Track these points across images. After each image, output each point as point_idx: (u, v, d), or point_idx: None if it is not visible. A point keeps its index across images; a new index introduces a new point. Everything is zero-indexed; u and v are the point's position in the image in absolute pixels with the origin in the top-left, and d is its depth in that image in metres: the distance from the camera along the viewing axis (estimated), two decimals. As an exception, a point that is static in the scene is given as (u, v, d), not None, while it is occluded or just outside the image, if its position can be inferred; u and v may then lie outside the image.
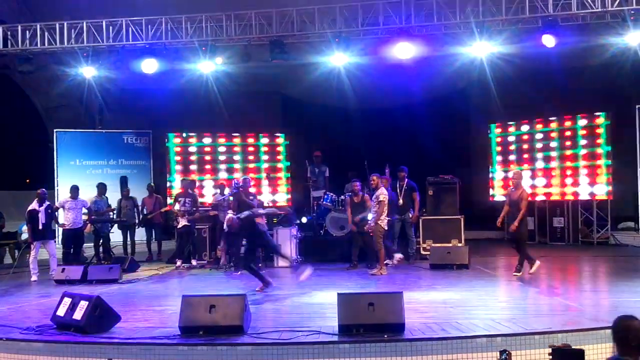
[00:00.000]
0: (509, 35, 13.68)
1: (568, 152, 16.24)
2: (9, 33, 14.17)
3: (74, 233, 13.51)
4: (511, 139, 17.49)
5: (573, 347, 5.47)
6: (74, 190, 13.74)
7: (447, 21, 13.49)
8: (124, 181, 16.74)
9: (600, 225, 16.10)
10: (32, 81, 17.18)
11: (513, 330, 6.83)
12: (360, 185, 12.76)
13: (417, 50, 13.68)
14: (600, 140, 15.64)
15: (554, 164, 16.52)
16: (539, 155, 16.83)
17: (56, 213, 13.58)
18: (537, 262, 11.16)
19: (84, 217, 13.77)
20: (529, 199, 11.63)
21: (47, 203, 12.82)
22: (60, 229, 13.74)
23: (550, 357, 3.29)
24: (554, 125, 16.62)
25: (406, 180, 13.58)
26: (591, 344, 6.47)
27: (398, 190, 13.47)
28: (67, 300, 7.53)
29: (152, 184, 16.37)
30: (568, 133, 16.30)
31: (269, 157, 18.06)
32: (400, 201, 13.44)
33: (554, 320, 7.32)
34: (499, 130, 17.75)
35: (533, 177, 16.90)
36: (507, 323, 7.18)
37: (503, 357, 4.82)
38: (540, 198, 16.76)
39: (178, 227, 14.01)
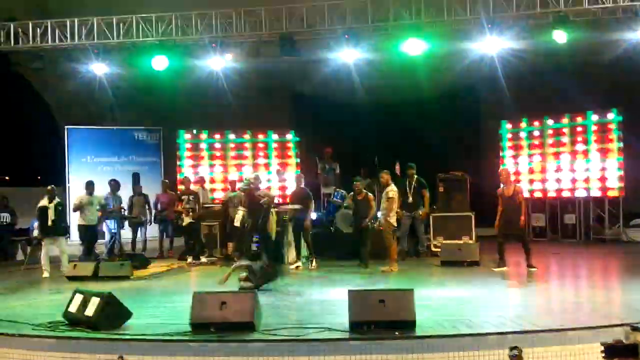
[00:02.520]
0: (520, 30, 13.62)
1: (579, 149, 16.15)
2: (20, 30, 14.24)
3: (89, 229, 13.58)
4: (522, 135, 17.43)
5: (588, 344, 5.39)
6: (90, 185, 13.80)
7: (457, 17, 13.46)
8: (135, 178, 16.78)
9: (612, 222, 16.00)
10: (43, 78, 17.25)
11: (524, 327, 6.80)
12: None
13: (427, 46, 13.64)
14: (611, 137, 15.55)
15: (565, 160, 16.43)
16: (550, 151, 16.75)
17: (77, 211, 13.66)
18: (505, 268, 11.38)
19: (98, 214, 13.81)
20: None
21: (57, 200, 12.86)
22: (75, 225, 13.74)
23: (603, 355, 3.23)
24: (565, 121, 16.53)
25: (415, 177, 13.50)
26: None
27: (408, 187, 13.39)
28: (78, 297, 7.55)
29: (166, 180, 16.34)
30: (579, 129, 16.22)
31: (279, 154, 18.07)
32: (410, 198, 13.36)
33: (566, 317, 7.28)
34: (509, 126, 17.68)
35: (544, 173, 16.83)
36: (519, 320, 7.14)
37: (513, 353, 4.77)
38: (551, 194, 16.69)
39: (183, 224, 14.06)
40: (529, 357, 6.20)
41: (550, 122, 16.84)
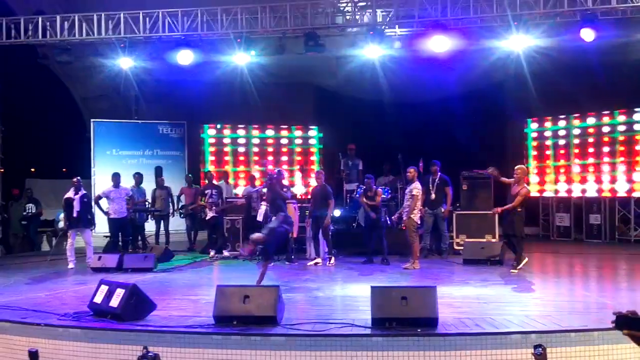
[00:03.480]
0: (547, 28, 13.52)
1: (606, 148, 16.00)
2: (47, 24, 14.39)
3: (119, 222, 13.75)
4: (548, 134, 17.30)
5: (612, 344, 5.37)
6: (116, 177, 13.95)
7: (483, 14, 13.38)
8: (158, 171, 16.91)
9: (638, 222, 15.82)
10: (70, 71, 17.42)
11: (548, 327, 6.77)
12: (372, 182, 12.91)
13: (453, 44, 13.58)
14: (639, 137, 15.38)
15: (591, 159, 16.30)
16: (576, 151, 16.61)
17: (99, 202, 13.82)
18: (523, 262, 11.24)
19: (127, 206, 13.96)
20: (528, 196, 11.42)
21: (83, 192, 13.00)
22: (105, 218, 13.90)
23: (614, 324, 3.17)
24: (591, 120, 16.38)
25: (439, 174, 13.48)
26: (628, 343, 6.36)
27: (431, 185, 13.38)
28: (104, 288, 7.65)
29: (190, 175, 16.45)
30: (606, 129, 16.06)
31: (302, 150, 18.11)
32: (433, 195, 13.34)
33: (590, 318, 7.23)
34: (535, 125, 17.56)
35: (569, 173, 16.70)
36: (542, 320, 7.11)
37: (538, 351, 4.74)
38: (576, 194, 16.55)
39: (207, 218, 14.17)
40: (552, 356, 6.18)
41: (576, 121, 16.70)
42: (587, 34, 12.86)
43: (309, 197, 14.27)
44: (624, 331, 3.28)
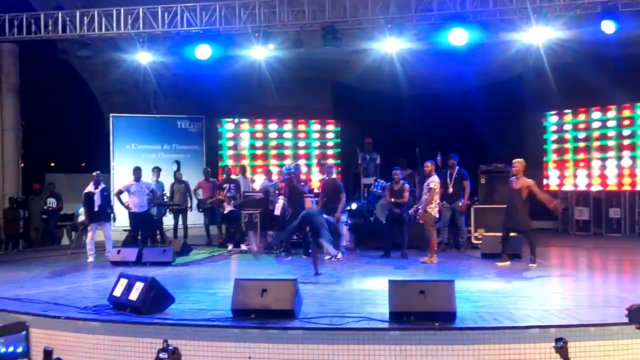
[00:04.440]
0: (567, 21, 13.39)
1: (626, 142, 15.85)
2: (67, 19, 14.49)
3: (140, 216, 13.83)
4: (567, 127, 17.17)
5: (632, 339, 5.33)
6: (137, 171, 14.03)
7: (502, 6, 13.28)
8: (176, 165, 16.98)
9: (658, 216, 15.69)
10: (89, 66, 17.57)
11: (567, 321, 6.74)
12: (400, 174, 12.78)
13: (472, 37, 13.50)
14: (660, 129, 15.24)
15: (611, 153, 16.15)
16: (596, 144, 16.46)
17: (120, 196, 13.90)
18: (508, 262, 11.19)
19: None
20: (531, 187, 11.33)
21: (103, 186, 13.09)
22: (127, 212, 14.00)
23: (628, 318, 3.14)
24: (612, 113, 16.24)
25: (457, 168, 13.40)
26: (648, 337, 6.34)
27: (448, 178, 13.30)
28: (123, 281, 7.72)
29: (208, 168, 16.49)
30: (627, 122, 15.92)
31: (319, 144, 18.13)
32: (450, 189, 13.24)
33: (609, 312, 7.17)
34: (554, 118, 17.43)
35: (588, 166, 16.57)
36: (561, 314, 7.08)
37: (559, 344, 4.71)
38: (596, 188, 16.41)
39: (224, 212, 14.23)
40: (571, 350, 6.14)
41: (596, 114, 16.55)
42: (608, 26, 12.71)
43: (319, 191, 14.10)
44: (636, 325, 3.26)
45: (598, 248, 13.76)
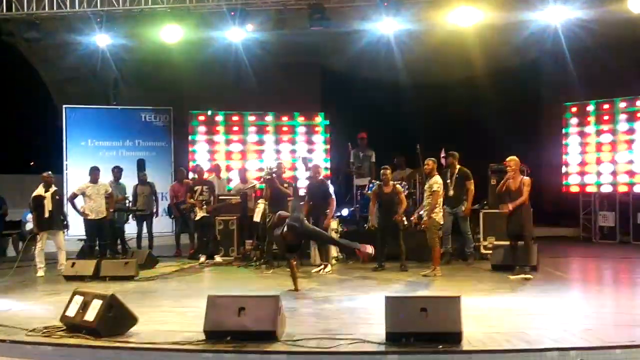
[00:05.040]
0: (589, -2, 13.48)
1: (657, 136, 15.99)
2: (13, -5, 14.43)
3: (97, 224, 13.72)
4: (589, 119, 17.24)
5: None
6: (95, 172, 13.95)
7: (516, -18, 13.36)
8: (140, 164, 16.90)
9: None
10: (39, 51, 17.46)
11: (590, 343, 6.77)
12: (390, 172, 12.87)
13: (480, 16, 13.55)
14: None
15: (639, 148, 16.24)
16: (622, 138, 16.56)
17: (74, 201, 13.83)
18: (523, 275, 11.19)
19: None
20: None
21: (55, 188, 13.02)
22: (82, 219, 13.92)
23: None
24: (639, 103, 16.37)
25: (458, 166, 13.36)
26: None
27: (449, 179, 13.23)
28: (78, 299, 7.65)
29: (183, 168, 16.40)
30: (657, 114, 16.06)
31: (306, 139, 18.12)
32: (452, 191, 13.17)
33: (637, 333, 7.22)
34: (575, 109, 17.51)
35: (613, 164, 16.65)
36: (583, 334, 7.11)
37: (581, 363, 4.75)
38: (622, 189, 16.50)
39: (196, 219, 14.18)
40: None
41: (622, 104, 16.65)
42: (636, 5, 12.80)
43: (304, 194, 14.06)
44: None
45: (625, 259, 13.84)
